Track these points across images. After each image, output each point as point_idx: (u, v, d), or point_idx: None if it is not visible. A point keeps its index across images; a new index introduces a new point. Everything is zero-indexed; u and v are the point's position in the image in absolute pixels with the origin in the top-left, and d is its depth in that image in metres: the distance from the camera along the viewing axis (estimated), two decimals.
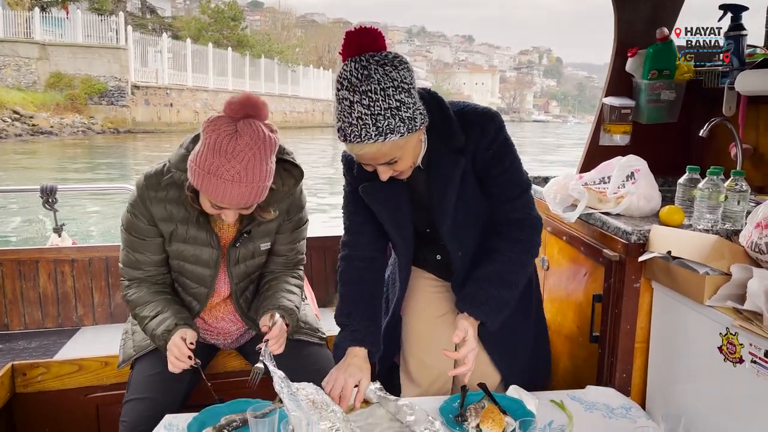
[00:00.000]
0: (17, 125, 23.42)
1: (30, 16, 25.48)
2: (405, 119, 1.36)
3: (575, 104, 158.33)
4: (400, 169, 1.46)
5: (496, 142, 1.54)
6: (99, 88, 26.22)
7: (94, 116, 26.39)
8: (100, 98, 26.41)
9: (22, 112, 23.81)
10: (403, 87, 1.36)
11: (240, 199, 1.50)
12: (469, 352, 1.52)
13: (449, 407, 1.58)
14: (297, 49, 51.63)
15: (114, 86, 26.53)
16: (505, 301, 1.58)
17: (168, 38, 30.12)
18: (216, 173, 1.45)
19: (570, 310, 2.13)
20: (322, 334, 1.94)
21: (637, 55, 2.38)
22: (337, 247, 2.58)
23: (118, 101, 26.70)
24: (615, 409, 1.66)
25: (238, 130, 1.47)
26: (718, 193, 1.74)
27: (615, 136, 2.44)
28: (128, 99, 26.80)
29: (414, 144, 1.45)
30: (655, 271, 1.72)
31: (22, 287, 2.41)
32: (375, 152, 1.38)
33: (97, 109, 26.45)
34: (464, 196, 1.58)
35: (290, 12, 78.71)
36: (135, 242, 1.73)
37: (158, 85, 28.45)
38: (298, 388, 1.39)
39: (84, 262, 2.44)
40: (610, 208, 1.94)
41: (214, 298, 1.84)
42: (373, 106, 1.32)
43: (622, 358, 1.80)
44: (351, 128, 1.35)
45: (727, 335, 1.47)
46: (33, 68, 25.63)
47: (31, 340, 2.31)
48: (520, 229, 1.60)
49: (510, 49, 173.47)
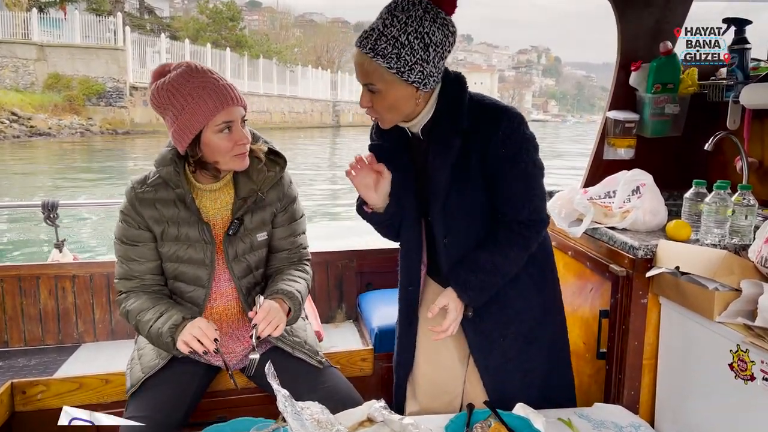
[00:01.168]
0: (15, 127, 23.37)
1: (28, 17, 25.39)
2: (401, 59, 1.41)
3: (574, 103, 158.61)
4: (377, 107, 1.50)
5: (511, 139, 1.52)
6: (97, 89, 26.17)
7: (92, 117, 26.34)
8: (98, 99, 26.36)
9: (20, 114, 23.76)
10: (424, 39, 1.41)
11: (236, 97, 1.61)
12: (451, 323, 1.59)
13: (455, 426, 1.57)
14: (295, 49, 51.62)
15: (112, 87, 26.48)
16: (492, 286, 1.60)
17: (166, 39, 30.05)
18: (201, 95, 1.57)
19: (576, 326, 2.11)
20: (321, 357, 1.87)
21: (641, 68, 2.36)
22: (340, 262, 2.60)
23: (116, 102, 26.65)
24: (624, 427, 1.64)
25: (183, 63, 1.64)
26: (725, 208, 1.73)
27: (619, 150, 2.42)
28: (126, 100, 26.75)
29: (401, 95, 1.48)
30: (663, 287, 1.71)
31: (23, 303, 2.38)
32: (361, 65, 1.46)
33: (95, 110, 26.40)
34: (460, 182, 1.56)
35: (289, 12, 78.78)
36: (128, 250, 1.73)
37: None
38: (303, 407, 1.37)
39: (85, 278, 2.41)
40: (615, 223, 1.93)
41: (218, 301, 1.80)
42: (388, 28, 1.40)
43: (630, 375, 1.79)
44: (363, 33, 1.45)
45: (738, 352, 1.46)
46: (31, 69, 25.58)
47: (31, 358, 2.28)
48: (527, 227, 1.58)
49: (508, 48, 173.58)
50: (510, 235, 1.58)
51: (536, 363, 1.73)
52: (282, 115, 36.71)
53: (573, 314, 2.14)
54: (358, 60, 1.47)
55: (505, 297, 1.65)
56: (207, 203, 1.77)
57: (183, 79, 1.59)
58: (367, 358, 2.25)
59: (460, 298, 1.59)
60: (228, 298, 1.83)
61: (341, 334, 2.50)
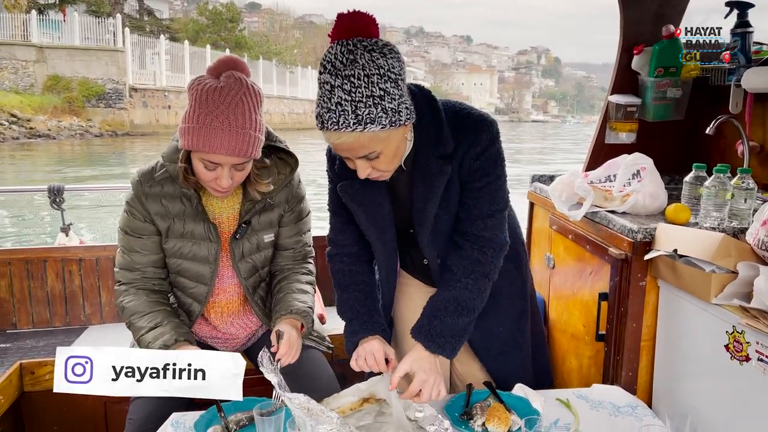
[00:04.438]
0: (14, 128, 23.41)
1: (27, 19, 25.39)
2: (388, 110, 1.28)
3: (574, 104, 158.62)
4: (380, 167, 1.37)
5: (487, 153, 1.46)
6: (96, 91, 26.20)
7: (92, 119, 26.37)
8: (98, 101, 26.39)
9: (20, 115, 23.80)
10: (390, 77, 1.28)
11: (231, 148, 1.48)
12: (421, 385, 1.44)
13: (455, 405, 1.59)
14: (295, 51, 51.57)
15: (111, 89, 26.51)
16: (462, 329, 1.51)
17: (166, 40, 30.05)
18: (205, 123, 1.46)
19: (576, 309, 2.14)
20: (329, 343, 1.92)
21: (643, 52, 2.38)
22: None
23: (115, 104, 26.67)
24: (621, 407, 1.66)
25: (222, 80, 1.50)
26: (724, 192, 1.75)
27: (621, 134, 2.44)
28: (126, 101, 26.77)
29: (397, 141, 1.36)
30: (661, 270, 1.73)
31: (30, 286, 2.42)
32: (352, 142, 1.29)
33: (94, 111, 26.43)
34: (446, 204, 1.51)
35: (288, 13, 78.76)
36: (131, 241, 1.70)
37: (156, 87, 28.41)
38: (291, 398, 1.37)
39: (91, 261, 2.45)
40: (616, 207, 1.95)
41: (220, 296, 1.81)
42: (355, 92, 1.24)
43: (628, 356, 1.81)
44: (329, 114, 1.26)
45: (734, 333, 1.48)
46: (30, 71, 25.61)
47: (39, 339, 2.32)
48: (482, 250, 1.52)
49: (508, 49, 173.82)
50: (465, 264, 1.51)
51: (527, 336, 1.80)
52: (282, 116, 36.74)
53: (573, 297, 2.17)
54: (344, 141, 1.29)
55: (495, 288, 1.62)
56: (214, 201, 1.73)
57: (209, 96, 1.49)
58: None
59: (429, 349, 1.48)
60: (230, 293, 1.83)
61: None
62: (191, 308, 1.79)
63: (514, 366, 1.78)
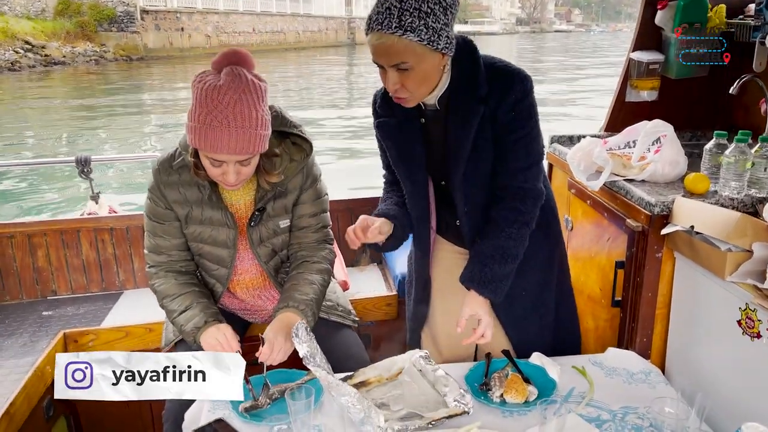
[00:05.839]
0: (30, 56, 23.30)
1: None
2: (429, 27, 1.38)
3: (599, 11, 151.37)
4: (409, 86, 1.46)
5: (521, 105, 1.53)
6: (108, 14, 25.77)
7: (106, 44, 26.06)
8: (110, 24, 26.01)
9: (34, 43, 23.61)
10: (441, 2, 1.39)
11: (233, 147, 1.50)
12: (486, 329, 1.62)
13: (474, 375, 1.67)
14: None
15: (123, 11, 26.03)
16: (508, 275, 1.63)
17: None
18: (206, 122, 1.48)
19: (593, 272, 2.19)
20: (355, 317, 1.99)
21: (668, 7, 2.30)
22: (363, 209, 2.66)
23: (128, 27, 26.27)
24: (635, 374, 1.73)
25: (222, 77, 1.51)
26: (744, 161, 1.74)
27: (642, 92, 2.40)
28: (138, 25, 26.31)
29: (430, 66, 1.45)
30: (678, 243, 1.75)
31: (66, 255, 2.54)
32: (389, 46, 1.39)
33: (107, 36, 26.10)
34: (478, 148, 1.57)
35: None
36: (156, 227, 1.77)
37: (167, 8, 27.78)
38: (315, 371, 1.45)
39: (122, 230, 2.54)
40: (634, 175, 1.95)
41: (242, 276, 1.86)
42: (406, 2, 1.36)
43: (643, 323, 1.88)
44: (377, 15, 1.38)
45: (747, 310, 1.53)
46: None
47: (79, 306, 2.46)
48: (522, 200, 1.60)
49: None
50: (507, 213, 1.60)
51: (549, 307, 1.84)
52: (296, 34, 35.87)
53: (590, 260, 2.22)
54: (383, 42, 1.40)
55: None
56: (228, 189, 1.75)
57: (209, 95, 1.49)
58: (391, 303, 2.38)
59: (483, 295, 1.62)
60: (253, 273, 1.87)
61: (366, 279, 2.63)
62: (215, 288, 1.87)
63: (533, 333, 1.84)
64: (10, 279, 2.53)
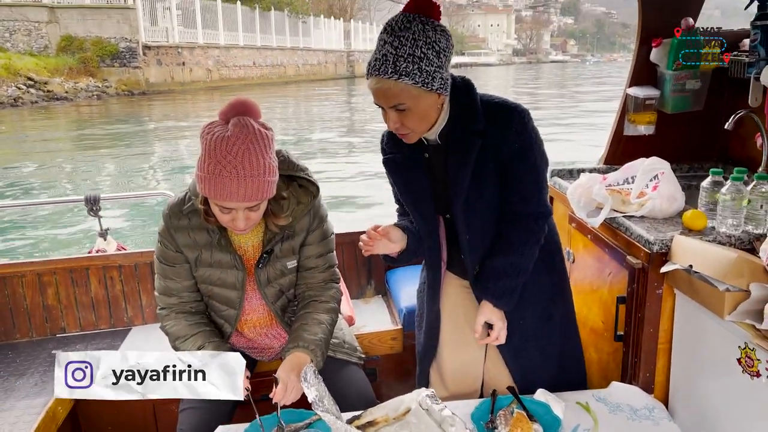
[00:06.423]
0: (32, 92, 23.53)
1: None
2: (423, 71, 1.49)
3: (594, 42, 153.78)
4: (408, 124, 1.57)
5: (523, 134, 1.65)
6: (110, 50, 26.15)
7: (108, 79, 26.39)
8: (112, 60, 26.38)
9: (36, 78, 23.88)
10: (433, 47, 1.50)
11: (242, 195, 1.54)
12: (500, 331, 1.75)
13: (480, 413, 1.69)
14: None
15: (125, 47, 26.43)
16: (518, 285, 1.75)
17: None
18: (214, 172, 1.52)
19: (595, 305, 2.22)
20: (361, 353, 2.02)
21: (662, 45, 2.37)
22: None
23: (130, 62, 26.64)
24: (639, 410, 1.76)
25: (229, 128, 1.55)
26: (741, 198, 1.78)
27: (639, 126, 2.46)
28: (140, 60, 26.71)
29: (427, 105, 1.56)
30: (678, 281, 1.78)
31: (75, 293, 2.57)
32: (387, 90, 1.51)
33: (110, 71, 26.45)
34: (479, 180, 1.66)
35: None
36: (166, 269, 1.81)
37: (169, 44, 28.23)
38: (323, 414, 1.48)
39: (130, 267, 2.58)
40: (633, 211, 1.99)
41: (250, 316, 1.89)
42: (400, 48, 1.48)
43: (645, 358, 1.89)
44: (375, 62, 1.51)
45: (746, 349, 1.55)
46: (43, 32, 25.59)
47: (88, 343, 2.48)
48: (536, 221, 1.72)
49: None
50: (521, 234, 1.72)
51: (552, 339, 1.88)
52: (296, 68, 36.36)
53: (592, 293, 2.25)
54: (381, 86, 1.52)
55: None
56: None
57: (217, 146, 1.54)
58: (396, 337, 2.41)
59: (497, 306, 1.75)
60: (260, 312, 1.91)
61: (372, 312, 2.66)
62: (223, 328, 1.90)
63: (536, 365, 1.87)
64: (20, 317, 2.56)
